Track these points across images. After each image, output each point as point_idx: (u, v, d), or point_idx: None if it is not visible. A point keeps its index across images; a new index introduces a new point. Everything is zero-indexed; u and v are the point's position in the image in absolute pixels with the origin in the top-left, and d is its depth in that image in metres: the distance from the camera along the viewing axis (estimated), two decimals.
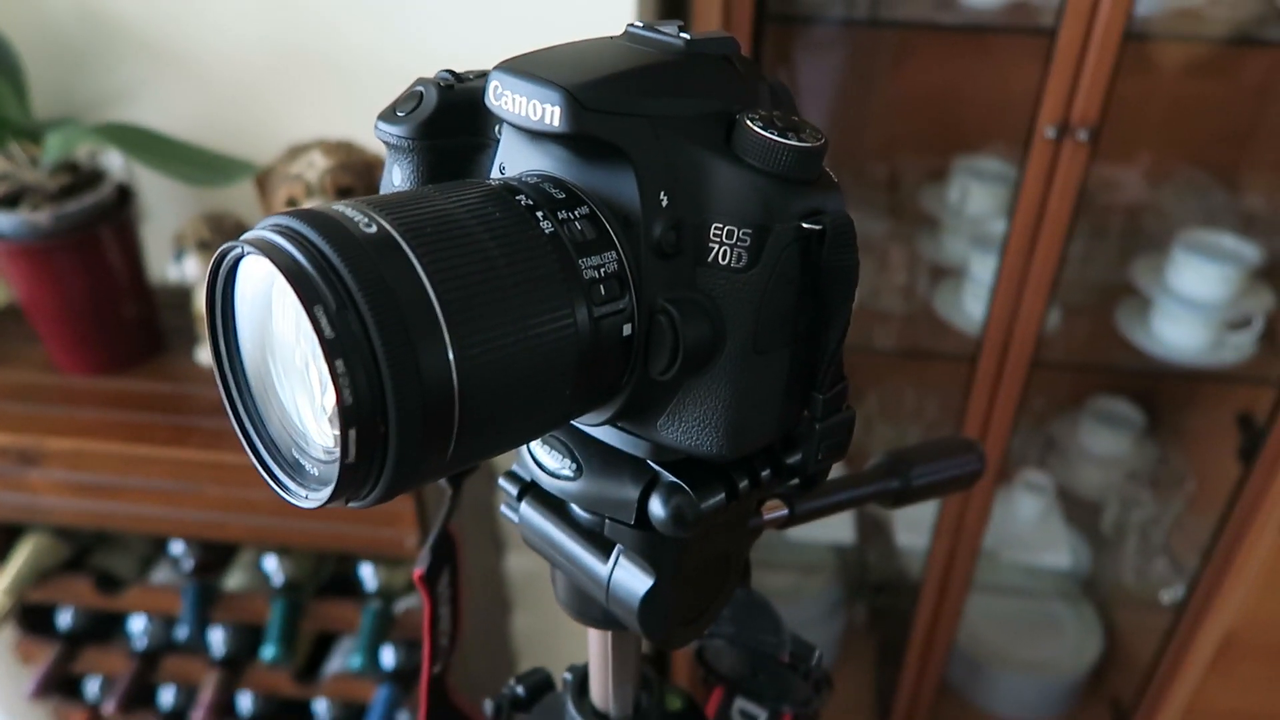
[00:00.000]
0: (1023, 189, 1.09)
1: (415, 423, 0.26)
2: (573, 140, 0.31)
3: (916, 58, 1.36)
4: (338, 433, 0.27)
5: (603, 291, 0.31)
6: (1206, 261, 1.22)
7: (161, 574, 1.20)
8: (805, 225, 0.31)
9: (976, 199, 1.32)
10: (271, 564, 1.14)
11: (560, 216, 0.31)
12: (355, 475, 0.27)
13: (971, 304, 1.30)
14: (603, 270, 0.31)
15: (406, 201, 0.29)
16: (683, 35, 0.33)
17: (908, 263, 1.39)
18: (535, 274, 0.29)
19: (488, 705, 0.54)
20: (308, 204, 0.95)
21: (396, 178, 0.38)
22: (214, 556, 1.18)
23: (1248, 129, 1.33)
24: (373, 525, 1.04)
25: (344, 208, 0.28)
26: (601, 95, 0.30)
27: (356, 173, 0.95)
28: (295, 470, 0.30)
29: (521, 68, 0.31)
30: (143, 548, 1.24)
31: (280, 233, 0.27)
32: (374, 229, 0.27)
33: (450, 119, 0.37)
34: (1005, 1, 1.11)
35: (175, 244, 1.05)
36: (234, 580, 1.18)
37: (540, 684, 0.55)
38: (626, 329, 0.31)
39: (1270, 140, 1.32)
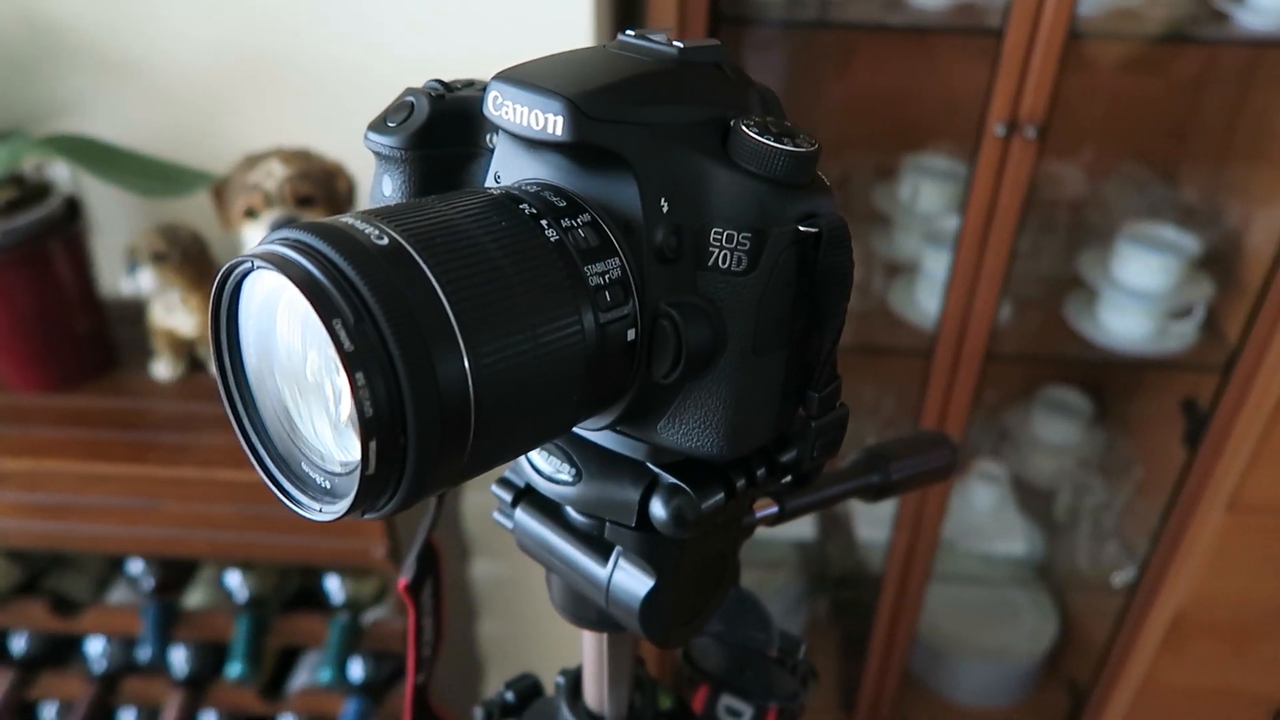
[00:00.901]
0: (974, 186, 1.11)
1: (433, 432, 0.27)
2: (573, 149, 0.32)
3: (867, 58, 1.38)
4: (356, 444, 0.27)
5: (608, 298, 0.31)
6: (1149, 253, 1.25)
7: (119, 594, 1.18)
8: (802, 228, 0.32)
9: (927, 196, 1.35)
10: (235, 580, 1.13)
11: (564, 224, 0.31)
12: (374, 487, 0.27)
13: (926, 299, 1.32)
14: (607, 277, 0.31)
15: (412, 212, 0.29)
16: (675, 44, 0.33)
17: (862, 260, 1.41)
18: (543, 282, 0.30)
19: (478, 712, 0.54)
20: (267, 214, 0.94)
21: (387, 188, 0.38)
22: (174, 574, 1.16)
23: (1184, 124, 1.38)
24: (340, 537, 1.03)
25: (352, 220, 0.28)
26: (602, 104, 0.31)
27: (316, 181, 0.94)
28: (305, 484, 0.30)
29: (522, 78, 0.31)
30: (98, 568, 1.22)
31: (291, 246, 0.27)
32: (385, 241, 0.27)
33: (442, 129, 0.37)
34: (952, 3, 1.14)
35: (128, 257, 1.03)
36: (195, 598, 1.16)
37: (530, 689, 0.55)
38: (630, 334, 0.32)
39: (1204, 134, 1.37)
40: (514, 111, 0.31)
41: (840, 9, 1.21)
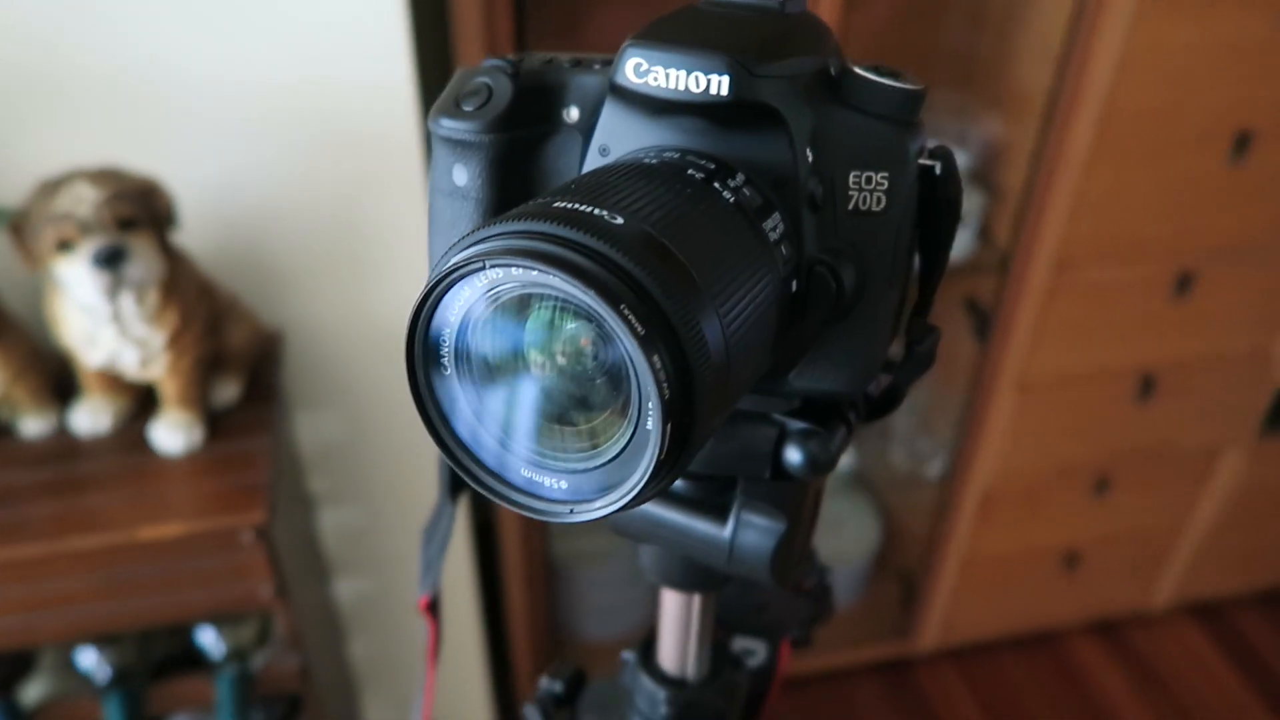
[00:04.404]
0: None
1: (712, 403, 0.26)
2: (726, 109, 0.31)
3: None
4: (616, 433, 0.26)
5: (784, 252, 0.31)
6: None
7: None
8: (923, 163, 0.34)
9: None
10: (89, 658, 1.00)
11: (731, 185, 0.31)
12: (661, 470, 0.26)
13: None
14: (778, 231, 0.32)
15: (608, 189, 0.28)
16: None
17: None
18: (742, 243, 0.30)
19: (531, 712, 0.53)
20: (86, 244, 0.84)
21: (461, 178, 0.36)
22: (9, 668, 1.01)
23: (932, 53, 1.52)
24: (219, 585, 0.94)
25: (577, 204, 0.26)
26: (761, 61, 0.31)
27: (134, 200, 0.84)
28: (534, 492, 0.28)
29: (672, 41, 0.31)
30: None
31: (537, 239, 0.25)
32: (620, 220, 0.26)
33: (525, 107, 0.35)
34: None
35: None
36: (37, 689, 1.03)
37: (575, 676, 0.54)
38: (794, 285, 0.32)
39: (952, 62, 1.52)
40: (665, 76, 0.31)
41: None
